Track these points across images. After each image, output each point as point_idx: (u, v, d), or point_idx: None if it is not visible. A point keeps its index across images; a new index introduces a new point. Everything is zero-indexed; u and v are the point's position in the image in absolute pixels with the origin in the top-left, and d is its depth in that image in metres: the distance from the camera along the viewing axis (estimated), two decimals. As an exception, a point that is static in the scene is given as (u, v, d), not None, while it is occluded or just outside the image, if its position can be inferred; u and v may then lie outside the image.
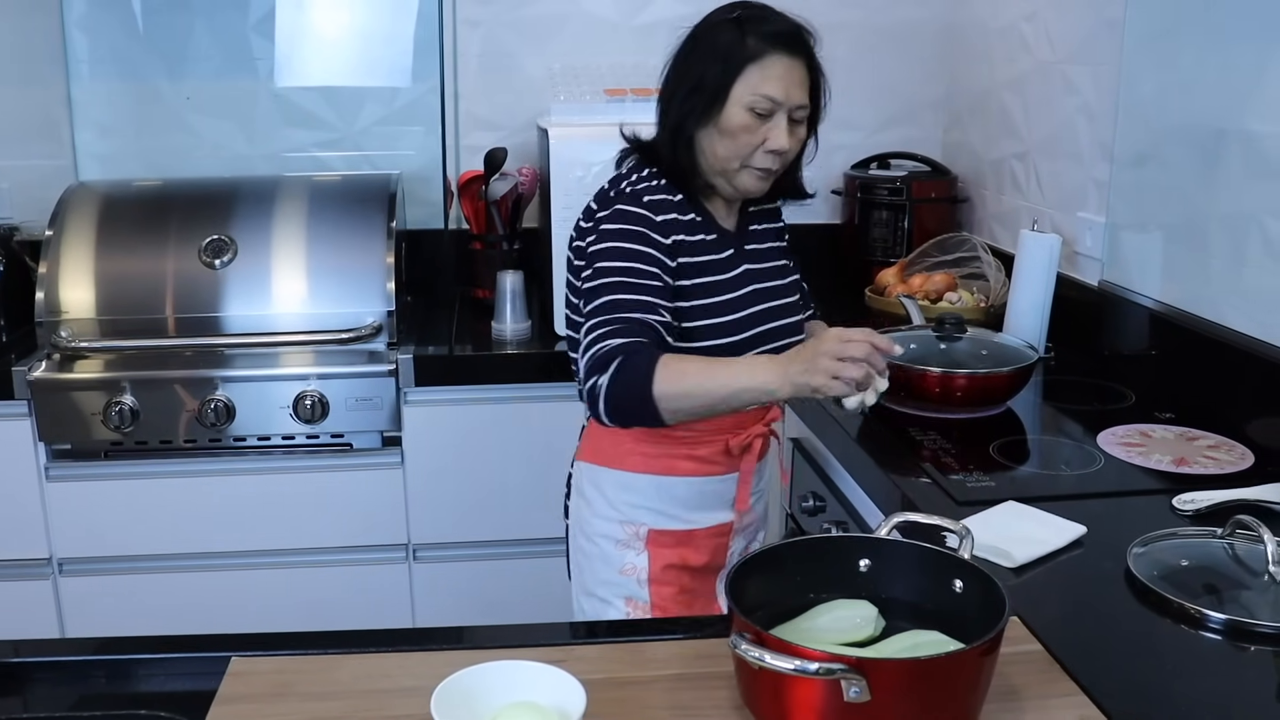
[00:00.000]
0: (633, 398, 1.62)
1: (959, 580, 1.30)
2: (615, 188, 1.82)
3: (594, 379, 1.64)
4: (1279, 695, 1.28)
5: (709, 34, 1.78)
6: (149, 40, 2.98)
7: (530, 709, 1.10)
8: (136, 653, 1.34)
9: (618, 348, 1.64)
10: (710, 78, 1.75)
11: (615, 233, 1.75)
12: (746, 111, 1.74)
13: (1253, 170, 2.03)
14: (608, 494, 1.90)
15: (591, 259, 1.76)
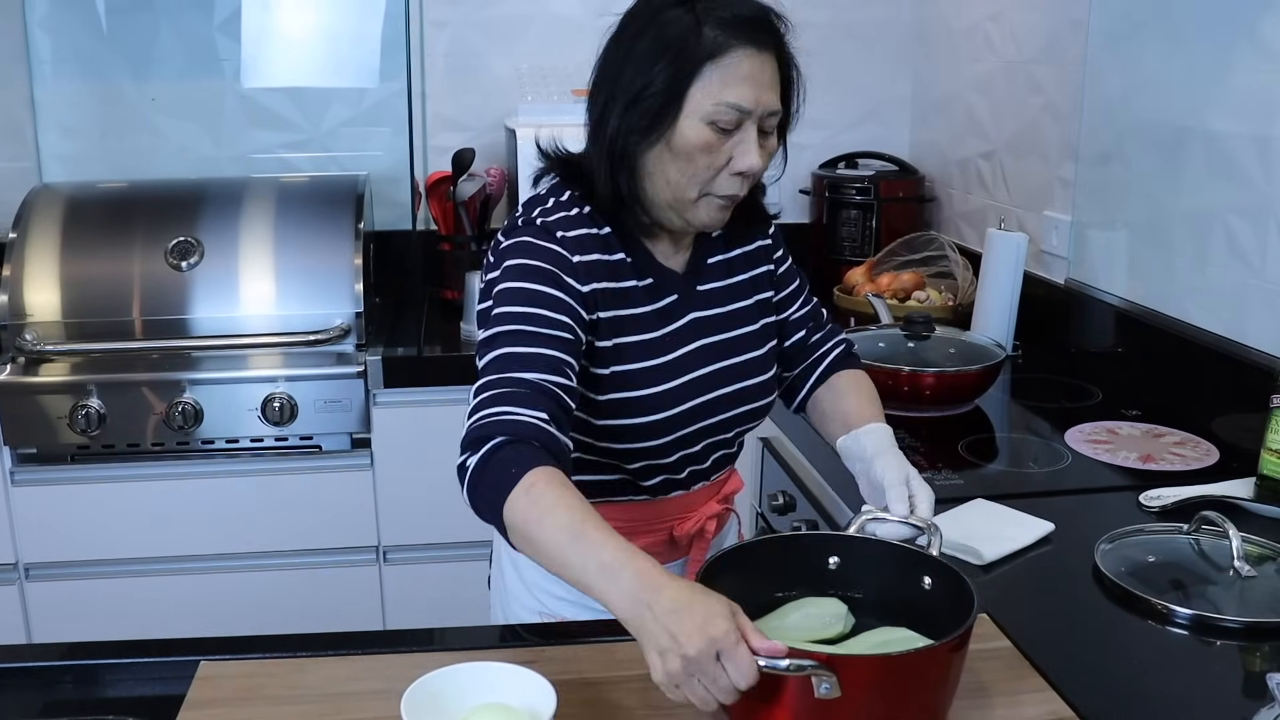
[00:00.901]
0: (487, 504, 1.26)
1: (928, 577, 1.29)
2: (526, 215, 1.45)
3: (465, 455, 1.30)
4: (1245, 689, 1.29)
5: (653, 20, 1.37)
6: (113, 41, 2.96)
7: (501, 710, 1.10)
8: (104, 657, 1.33)
9: (502, 425, 1.28)
10: (658, 82, 1.34)
11: (519, 269, 1.38)
12: (706, 126, 1.35)
13: (1215, 169, 2.05)
14: (526, 579, 1.58)
15: (490, 303, 1.40)
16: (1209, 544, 1.57)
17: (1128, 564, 1.52)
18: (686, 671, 1.05)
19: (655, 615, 1.07)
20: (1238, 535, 1.50)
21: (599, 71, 1.42)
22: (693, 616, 1.05)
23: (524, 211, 1.46)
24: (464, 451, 1.29)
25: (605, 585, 1.12)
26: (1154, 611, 1.41)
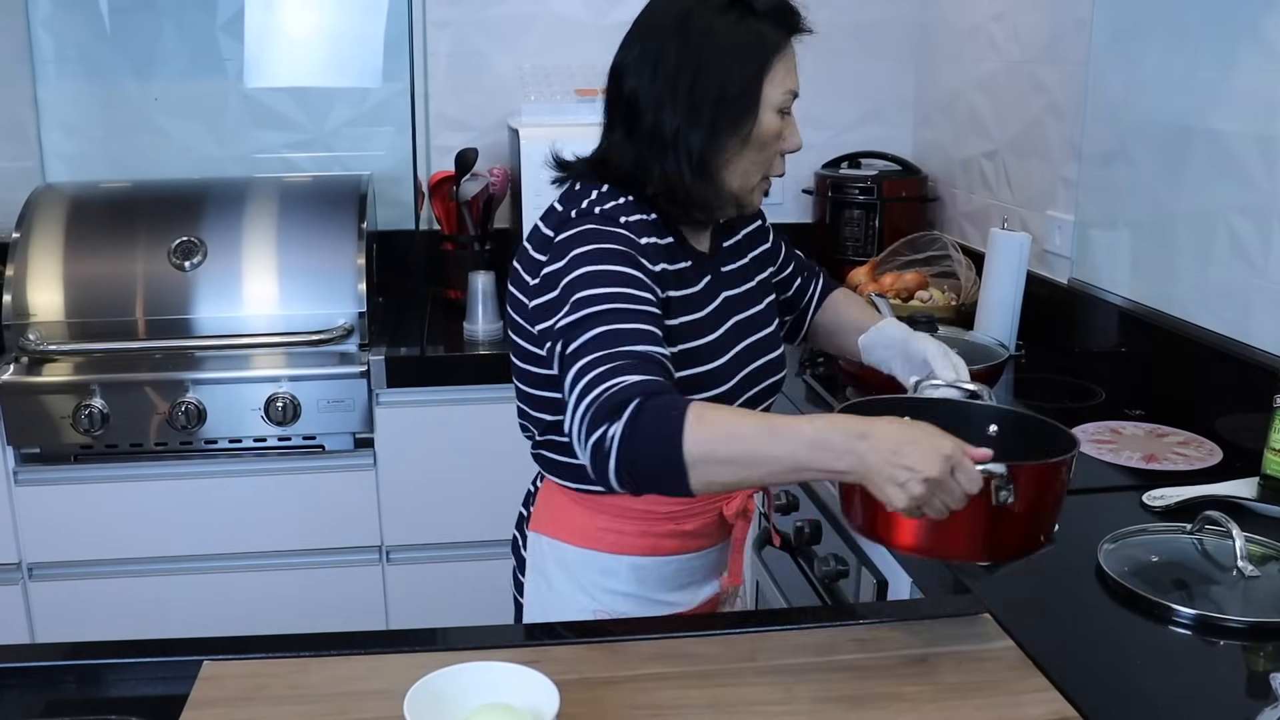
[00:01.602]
0: (658, 456, 1.24)
1: (993, 424, 1.47)
2: (575, 207, 1.48)
3: (603, 428, 1.26)
4: (1248, 689, 1.29)
5: (707, 26, 1.44)
6: (116, 40, 2.96)
7: (503, 710, 1.10)
8: (107, 657, 1.33)
9: (632, 387, 1.27)
10: (738, 83, 1.43)
11: (593, 254, 1.40)
12: (777, 115, 1.47)
13: (1218, 169, 2.05)
14: (578, 576, 1.59)
15: (562, 294, 1.40)
16: (1212, 544, 1.56)
17: (1131, 564, 1.52)
18: (930, 492, 1.19)
19: (882, 456, 1.19)
20: (1241, 535, 1.50)
21: (656, 81, 1.45)
22: (920, 445, 1.19)
23: (569, 205, 1.49)
24: (598, 426, 1.27)
25: (820, 456, 1.22)
26: (1157, 611, 1.41)
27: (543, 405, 1.54)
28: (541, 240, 1.48)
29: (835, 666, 1.31)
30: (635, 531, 1.57)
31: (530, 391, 1.55)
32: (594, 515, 1.57)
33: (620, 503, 1.53)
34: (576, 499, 1.58)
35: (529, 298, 1.47)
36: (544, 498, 1.65)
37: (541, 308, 1.44)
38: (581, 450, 1.30)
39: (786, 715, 1.21)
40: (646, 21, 1.49)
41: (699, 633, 1.40)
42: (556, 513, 1.61)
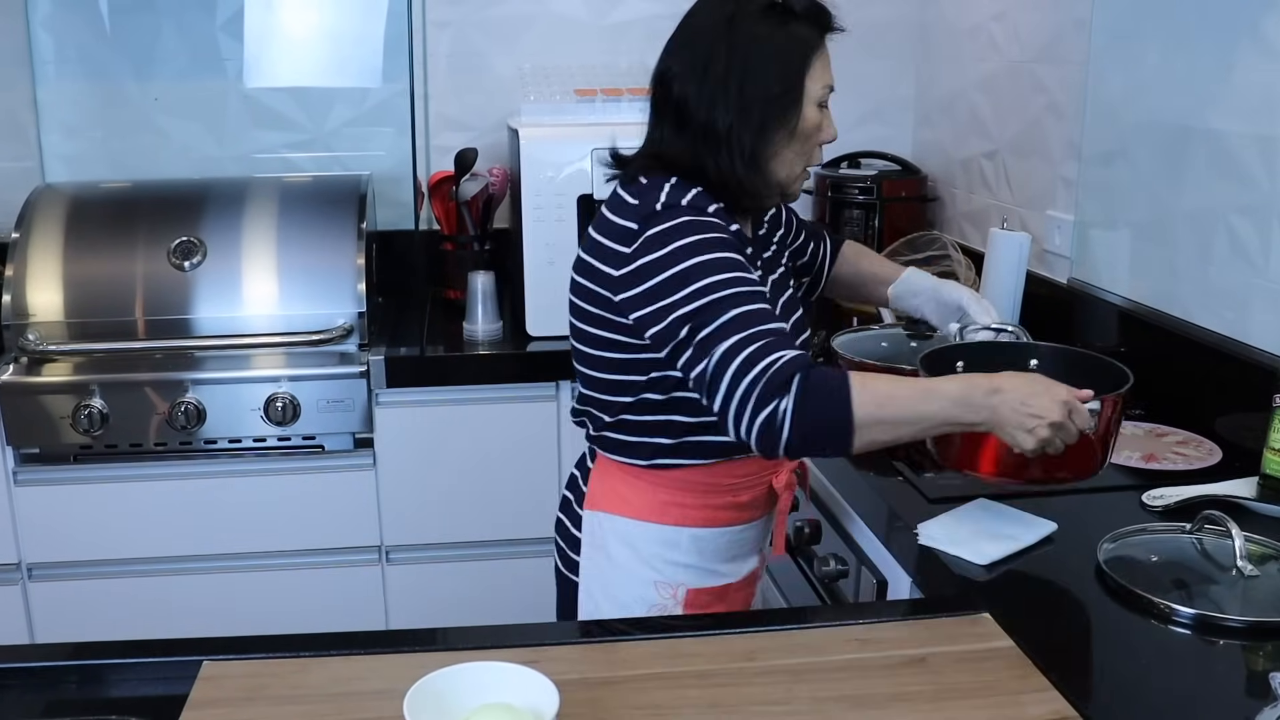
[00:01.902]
0: (830, 424, 1.38)
1: (1033, 359, 1.69)
2: (659, 201, 1.53)
3: (774, 403, 1.37)
4: (1248, 688, 1.29)
5: (750, 29, 1.54)
6: (116, 41, 2.96)
7: (503, 710, 1.10)
8: (107, 658, 1.33)
9: (790, 363, 1.39)
10: (782, 82, 1.54)
11: (699, 244, 1.47)
12: (817, 109, 1.58)
13: (1218, 169, 2.05)
14: (643, 551, 1.67)
15: (672, 283, 1.46)
16: (1211, 543, 1.56)
17: (1130, 563, 1.52)
18: (1053, 434, 1.40)
19: (1013, 407, 1.39)
20: (1240, 534, 1.50)
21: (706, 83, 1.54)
22: (1040, 396, 1.40)
23: (646, 198, 1.54)
24: (768, 402, 1.38)
25: (963, 412, 1.41)
26: (1157, 611, 1.41)
27: (617, 389, 1.62)
28: (621, 232, 1.53)
29: (835, 666, 1.31)
30: (696, 504, 1.66)
31: (603, 377, 1.62)
32: (657, 490, 1.65)
33: (684, 476, 1.64)
34: (641, 475, 1.65)
35: (614, 289, 1.53)
36: (601, 478, 1.71)
37: (637, 298, 1.50)
38: (740, 426, 1.41)
39: (786, 715, 1.21)
40: (692, 27, 1.59)
41: (698, 633, 1.40)
42: (618, 490, 1.68)
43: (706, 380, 1.43)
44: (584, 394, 1.69)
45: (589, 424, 1.71)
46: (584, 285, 1.59)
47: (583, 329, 1.62)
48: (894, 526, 1.75)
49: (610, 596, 1.70)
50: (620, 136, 2.63)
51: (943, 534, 1.62)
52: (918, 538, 1.63)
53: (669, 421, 1.61)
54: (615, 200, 1.59)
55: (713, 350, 1.42)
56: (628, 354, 1.57)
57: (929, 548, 1.61)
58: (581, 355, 1.65)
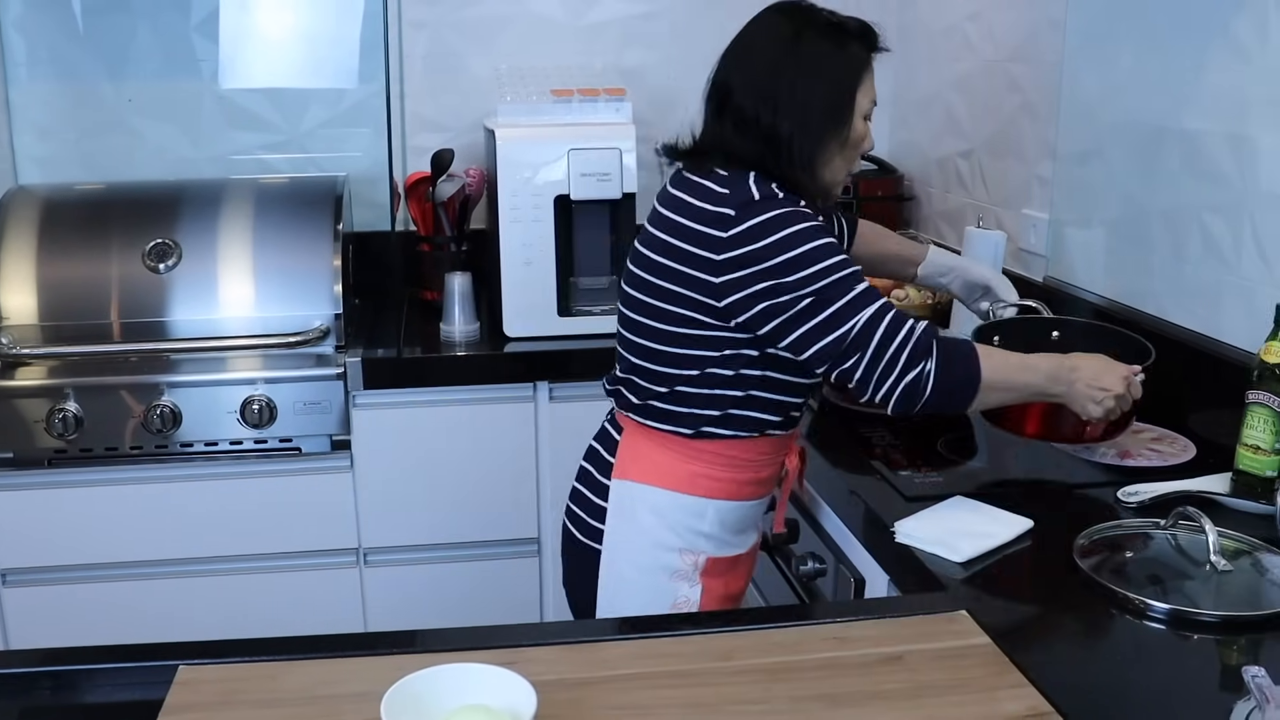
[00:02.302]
0: (962, 383, 1.65)
1: (1055, 331, 2.01)
2: (748, 191, 1.65)
3: (920, 365, 1.61)
4: (1222, 683, 1.30)
5: (814, 46, 1.69)
6: (89, 41, 2.95)
7: (481, 712, 1.09)
8: (82, 663, 1.32)
9: (926, 330, 1.64)
10: (836, 96, 1.69)
11: (807, 232, 1.62)
12: (865, 121, 1.75)
13: (1191, 168, 2.06)
14: (671, 520, 1.77)
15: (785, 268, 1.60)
16: (1185, 539, 1.57)
17: (1105, 559, 1.53)
18: (1116, 404, 1.73)
19: (1086, 382, 1.72)
20: (1214, 530, 1.51)
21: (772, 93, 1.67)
22: (1107, 373, 1.73)
23: (736, 188, 1.65)
24: (915, 364, 1.61)
25: (1051, 385, 1.72)
26: (1131, 606, 1.42)
27: (684, 362, 1.72)
28: (715, 217, 1.64)
29: (812, 665, 1.31)
30: (725, 478, 1.77)
31: (667, 350, 1.72)
32: (689, 462, 1.76)
33: (720, 449, 1.76)
34: (675, 447, 1.76)
35: (713, 272, 1.64)
36: (633, 448, 1.80)
37: (743, 280, 1.62)
38: (883, 387, 1.62)
39: (764, 714, 1.21)
40: (754, 43, 1.73)
41: (676, 632, 1.40)
42: (651, 460, 1.78)
43: (843, 349, 1.61)
44: (634, 364, 1.77)
45: (629, 395, 1.79)
46: (664, 264, 1.69)
47: (653, 304, 1.72)
48: (871, 525, 1.75)
49: (633, 563, 1.79)
50: (596, 137, 2.64)
51: (920, 532, 1.63)
52: (895, 536, 1.64)
53: (722, 395, 1.72)
54: (698, 187, 1.69)
55: (850, 321, 1.60)
56: (708, 331, 1.69)
57: (906, 546, 1.62)
58: (641, 328, 1.75)
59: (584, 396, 2.59)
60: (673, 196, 1.72)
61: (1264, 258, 1.90)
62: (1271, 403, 1.69)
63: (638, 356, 1.77)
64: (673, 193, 1.73)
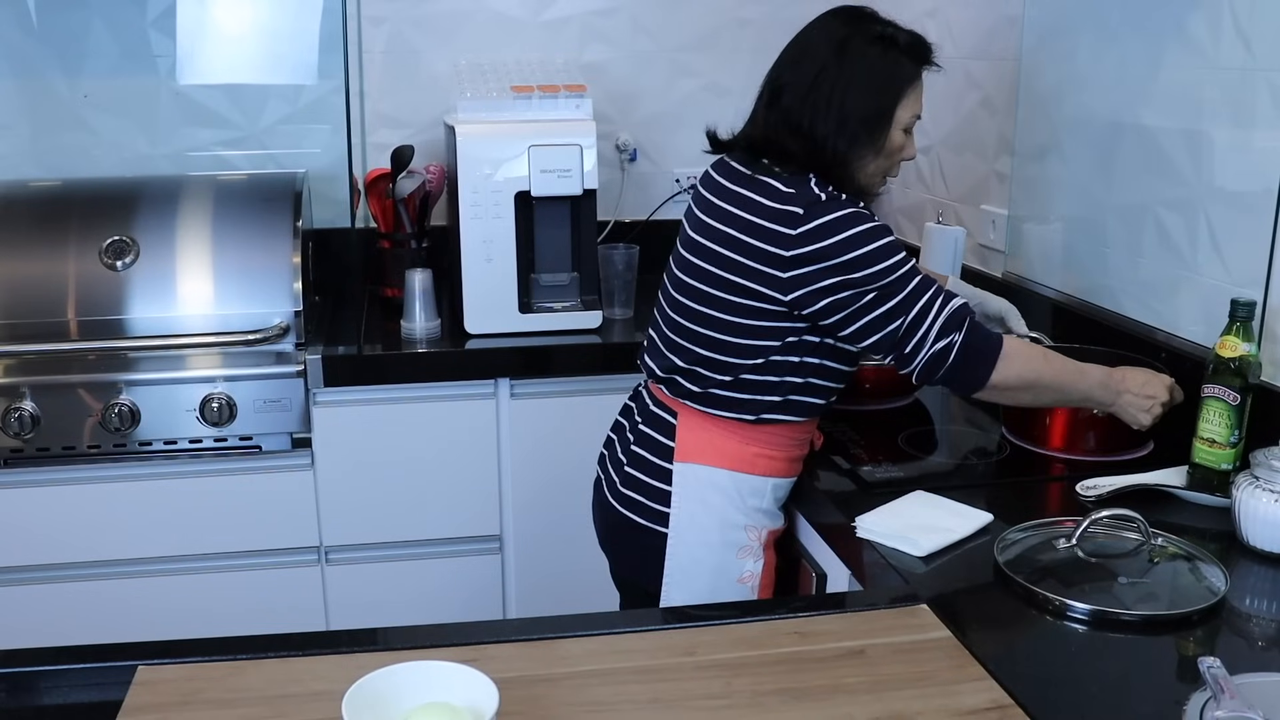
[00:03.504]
0: (980, 358, 1.73)
1: None
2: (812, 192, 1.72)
3: (949, 337, 1.71)
4: (1179, 674, 1.31)
5: (859, 55, 1.76)
6: (43, 36, 2.91)
7: (443, 709, 1.09)
8: (39, 664, 1.32)
9: (965, 308, 1.74)
10: (875, 106, 1.76)
11: (873, 231, 1.70)
12: (903, 133, 1.79)
13: (1147, 163, 2.08)
14: (736, 498, 1.85)
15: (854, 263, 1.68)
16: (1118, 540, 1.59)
17: (1027, 561, 1.54)
18: (1163, 410, 1.85)
19: (1134, 393, 1.84)
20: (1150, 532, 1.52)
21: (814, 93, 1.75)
22: (1152, 383, 1.85)
23: (800, 188, 1.73)
24: (944, 337, 1.71)
25: (1102, 394, 1.83)
26: (1052, 606, 1.42)
27: (748, 352, 1.79)
28: (783, 215, 1.71)
29: (774, 659, 1.31)
30: (780, 456, 1.86)
31: (732, 341, 1.78)
32: (749, 444, 1.83)
33: (777, 431, 1.84)
34: (735, 431, 1.83)
35: (782, 268, 1.71)
36: (693, 432, 1.86)
37: (813, 274, 1.70)
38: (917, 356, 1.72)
39: (726, 709, 1.22)
40: (807, 45, 1.81)
41: (638, 628, 1.40)
42: (714, 444, 1.84)
43: (899, 337, 1.72)
44: (694, 353, 1.83)
45: (687, 383, 1.85)
46: (728, 257, 1.76)
47: (716, 295, 1.79)
48: (832, 519, 1.76)
49: (704, 542, 1.86)
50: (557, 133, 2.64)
51: (880, 526, 1.64)
52: (856, 530, 1.65)
53: (783, 382, 1.79)
54: (762, 186, 1.75)
55: (909, 313, 1.71)
56: (773, 321, 1.76)
57: (867, 540, 1.63)
58: (704, 318, 1.81)
59: (546, 393, 2.59)
60: (734, 192, 1.79)
61: (1219, 253, 1.93)
62: (1226, 396, 1.71)
63: (702, 347, 1.82)
64: (732, 188, 1.80)
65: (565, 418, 2.56)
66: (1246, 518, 1.59)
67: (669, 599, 1.88)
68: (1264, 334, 1.81)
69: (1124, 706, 1.23)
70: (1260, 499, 1.57)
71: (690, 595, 1.86)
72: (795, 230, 1.69)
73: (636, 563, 1.94)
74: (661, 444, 1.89)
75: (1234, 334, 1.71)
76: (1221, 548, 1.61)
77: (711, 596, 1.85)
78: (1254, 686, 1.16)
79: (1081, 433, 1.93)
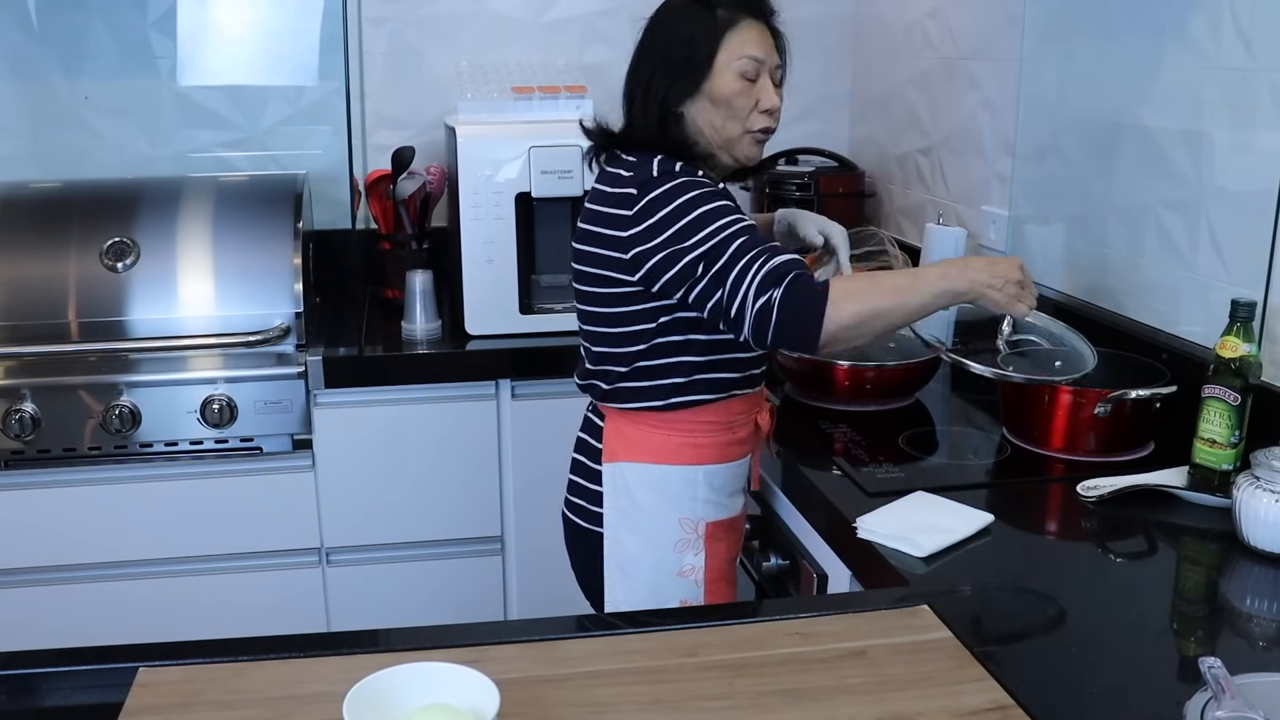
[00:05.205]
0: (806, 314, 1.62)
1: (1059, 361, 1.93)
2: (650, 169, 1.74)
3: (769, 293, 1.62)
4: (1180, 674, 1.31)
5: (673, 16, 1.80)
6: (44, 38, 2.91)
7: (444, 711, 1.09)
8: (40, 666, 1.31)
9: (788, 264, 1.65)
10: (689, 51, 1.76)
11: (701, 197, 1.70)
12: (736, 77, 1.76)
13: (1147, 164, 2.08)
14: (666, 492, 1.85)
15: (684, 231, 1.68)
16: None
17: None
18: (1020, 286, 1.70)
19: (980, 276, 1.68)
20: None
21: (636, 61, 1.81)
22: (996, 263, 1.72)
23: (641, 170, 1.75)
24: (762, 295, 1.63)
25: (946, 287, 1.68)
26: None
27: (631, 339, 1.80)
28: (620, 198, 1.74)
29: (775, 660, 1.31)
30: (706, 443, 1.84)
31: (615, 331, 1.80)
32: (671, 435, 1.83)
33: (694, 416, 1.82)
34: (655, 424, 1.83)
35: (624, 249, 1.74)
36: (616, 432, 1.87)
37: (649, 251, 1.71)
38: (744, 317, 1.65)
39: (727, 710, 1.22)
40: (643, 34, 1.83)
41: (639, 630, 1.40)
42: (636, 440, 1.85)
43: (724, 298, 1.66)
44: (596, 353, 1.86)
45: (600, 383, 1.86)
46: (590, 252, 1.79)
47: (592, 292, 1.81)
48: (833, 520, 1.76)
49: (639, 537, 1.86)
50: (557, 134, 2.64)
51: (881, 527, 1.64)
52: (857, 531, 1.65)
53: (680, 362, 1.79)
54: (608, 176, 1.81)
55: (729, 270, 1.65)
56: (638, 304, 1.77)
57: (868, 541, 1.63)
58: (592, 317, 1.84)
59: (546, 394, 2.59)
60: (592, 191, 1.85)
61: (1219, 254, 1.93)
62: (1227, 397, 1.71)
63: (599, 345, 1.85)
64: (594, 188, 1.85)
65: (566, 419, 2.54)
66: (1247, 518, 1.59)
67: (612, 598, 1.89)
68: (1264, 334, 1.81)
69: (1124, 706, 1.23)
70: (1260, 499, 1.57)
71: (631, 593, 1.87)
72: (630, 210, 1.73)
73: (585, 566, 1.96)
74: (593, 447, 1.91)
75: (1234, 334, 1.70)
76: (1222, 548, 1.61)
77: (653, 592, 1.86)
78: (1254, 686, 1.16)
79: (1082, 433, 1.92)
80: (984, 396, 2.27)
